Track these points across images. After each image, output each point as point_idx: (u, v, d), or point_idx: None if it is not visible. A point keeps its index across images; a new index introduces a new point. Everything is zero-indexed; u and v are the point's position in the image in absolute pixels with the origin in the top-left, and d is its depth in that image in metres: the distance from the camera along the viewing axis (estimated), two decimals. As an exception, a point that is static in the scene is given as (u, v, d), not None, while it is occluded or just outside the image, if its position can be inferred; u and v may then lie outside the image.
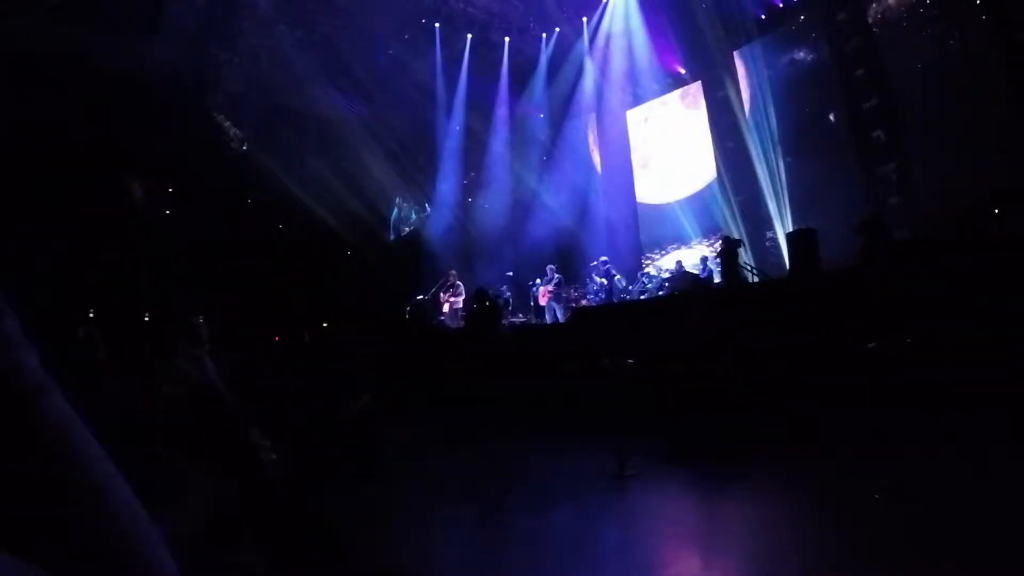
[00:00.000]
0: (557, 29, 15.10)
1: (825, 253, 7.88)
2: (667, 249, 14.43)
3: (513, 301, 13.08)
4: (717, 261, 10.76)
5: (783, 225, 12.05)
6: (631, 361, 7.54)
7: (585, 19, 14.84)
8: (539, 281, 12.73)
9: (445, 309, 12.63)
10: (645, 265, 14.51)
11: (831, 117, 11.83)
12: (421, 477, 5.49)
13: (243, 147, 13.10)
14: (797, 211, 12.00)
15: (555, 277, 12.42)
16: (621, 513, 4.17)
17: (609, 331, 8.62)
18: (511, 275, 13.57)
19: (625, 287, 12.67)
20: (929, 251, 6.66)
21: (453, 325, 12.08)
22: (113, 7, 10.36)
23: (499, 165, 16.21)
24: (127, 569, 0.52)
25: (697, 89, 14.28)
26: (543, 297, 12.49)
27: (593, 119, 16.32)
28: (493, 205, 16.43)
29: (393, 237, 15.99)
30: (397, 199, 15.66)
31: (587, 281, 13.17)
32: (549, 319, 12.04)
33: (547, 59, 15.40)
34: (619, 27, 14.26)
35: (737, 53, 13.29)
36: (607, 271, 12.44)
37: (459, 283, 12.68)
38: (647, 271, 13.87)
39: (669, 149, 14.70)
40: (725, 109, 13.36)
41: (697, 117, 14.18)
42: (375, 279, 14.16)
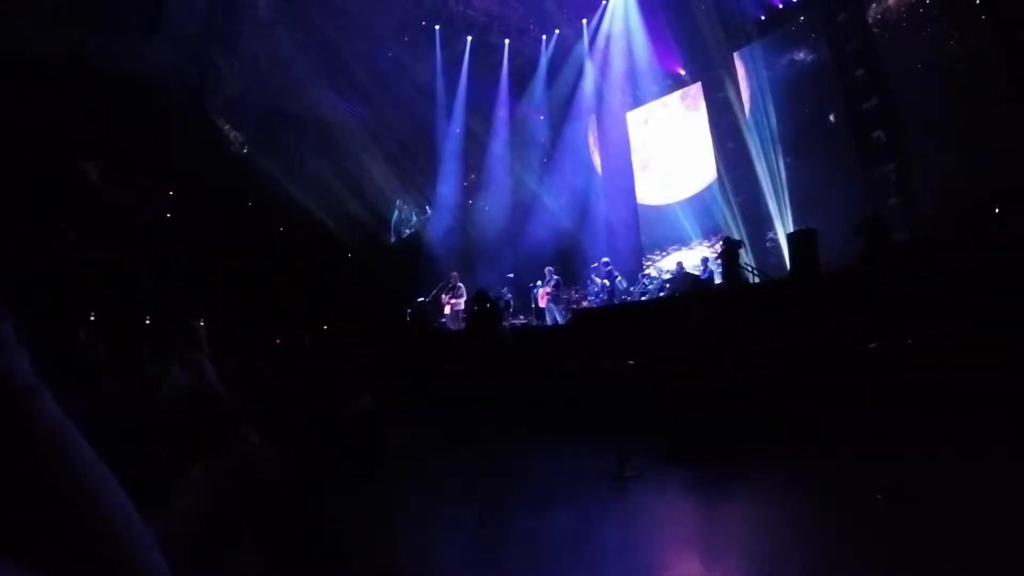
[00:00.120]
0: (557, 31, 15.13)
1: (825, 254, 7.87)
2: (668, 250, 14.42)
3: (514, 303, 13.06)
4: (718, 262, 10.75)
5: (784, 226, 12.03)
6: (632, 362, 7.53)
7: (585, 21, 14.86)
8: (540, 283, 12.74)
9: (446, 311, 12.62)
10: (646, 266, 14.49)
11: (831, 118, 11.83)
12: (421, 477, 5.49)
13: (243, 150, 13.12)
14: (797, 211, 11.99)
15: (553, 279, 12.42)
16: (622, 514, 4.17)
17: (610, 332, 8.62)
18: (512, 277, 13.54)
19: (626, 288, 12.65)
20: (929, 251, 6.66)
21: (454, 327, 12.07)
22: (113, 8, 10.40)
23: (499, 167, 16.21)
24: (120, 573, 0.52)
25: (697, 90, 14.28)
26: (542, 299, 12.49)
27: (593, 121, 16.31)
28: (493, 207, 16.42)
29: (394, 239, 15.99)
30: (397, 201, 15.67)
31: (588, 282, 13.16)
32: (549, 321, 12.03)
33: (547, 61, 15.41)
34: (619, 29, 14.27)
35: (737, 54, 13.29)
36: (609, 272, 12.43)
37: (460, 285, 12.68)
38: (648, 272, 13.84)
39: (669, 150, 14.69)
40: (725, 110, 13.36)
41: (697, 118, 14.18)
42: (375, 281, 14.16)
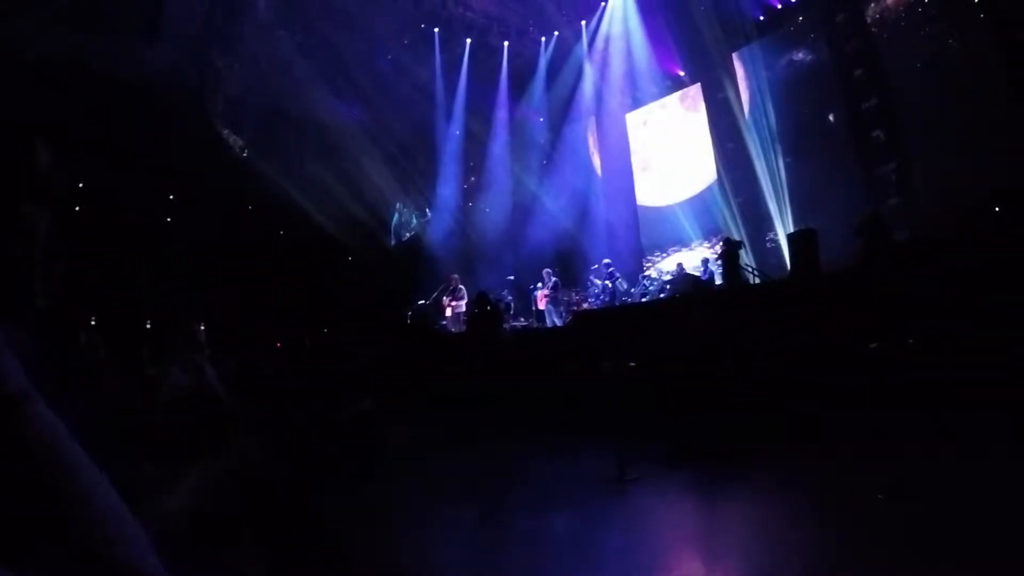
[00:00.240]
0: (556, 33, 15.15)
1: (825, 254, 7.86)
2: (668, 251, 14.43)
3: (514, 305, 13.06)
4: (718, 263, 10.75)
5: (784, 226, 12.04)
6: (632, 364, 7.53)
7: (584, 22, 14.88)
8: (539, 285, 12.74)
9: (448, 313, 12.62)
10: (646, 267, 14.49)
11: (831, 117, 11.84)
12: (422, 477, 5.49)
13: (243, 153, 13.14)
14: (797, 212, 11.99)
15: (552, 280, 12.43)
16: (622, 516, 4.17)
17: (610, 334, 8.61)
18: (512, 279, 13.54)
19: (626, 290, 12.65)
20: (929, 251, 6.66)
21: (455, 329, 12.08)
22: (113, 9, 10.41)
23: (499, 169, 16.22)
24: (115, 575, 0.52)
25: (696, 91, 14.29)
26: (541, 301, 12.50)
27: (593, 122, 16.32)
28: (493, 209, 16.42)
29: (394, 242, 16.00)
30: (398, 204, 15.68)
31: (588, 284, 13.17)
32: (549, 323, 12.04)
33: (546, 63, 15.43)
34: (618, 30, 14.28)
35: (736, 55, 13.30)
36: (610, 273, 12.44)
37: (461, 287, 12.68)
38: (648, 273, 13.85)
39: (669, 151, 14.70)
40: (725, 111, 13.37)
41: (697, 119, 14.19)
42: (376, 283, 14.16)
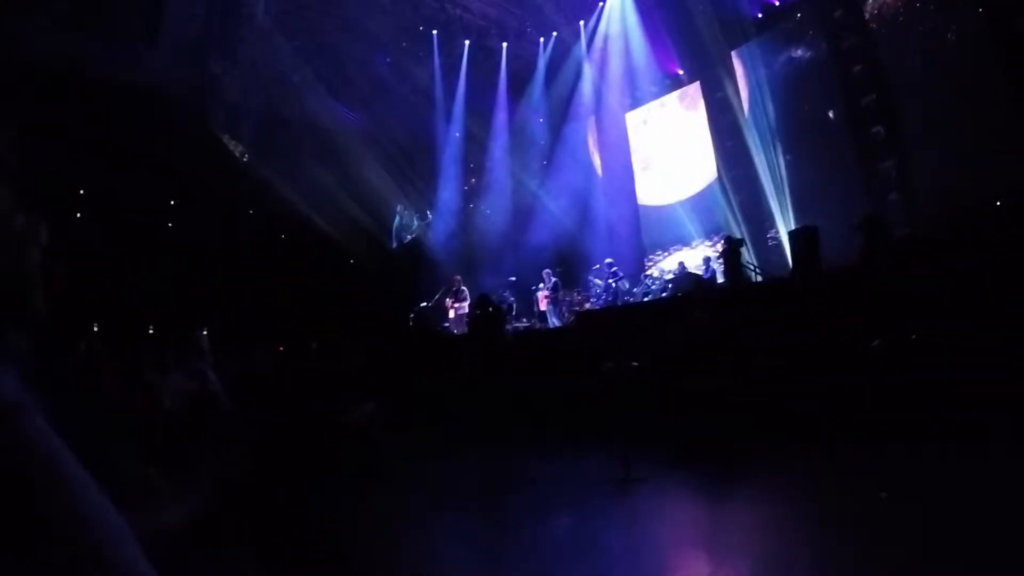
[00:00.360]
0: (555, 33, 15.12)
1: (825, 252, 7.85)
2: (669, 250, 14.41)
3: (516, 306, 13.06)
4: (720, 261, 10.74)
5: (785, 223, 12.01)
6: (635, 364, 7.52)
7: (582, 22, 14.85)
8: (540, 286, 12.74)
9: (450, 315, 12.65)
10: (648, 267, 14.47)
11: (830, 114, 11.81)
12: (424, 479, 5.50)
13: (243, 157, 13.16)
14: (798, 209, 11.97)
15: (552, 281, 12.43)
16: (626, 518, 4.18)
17: (612, 334, 8.61)
18: (514, 280, 13.54)
19: (628, 289, 12.65)
20: (929, 251, 6.64)
21: (458, 331, 12.11)
22: (111, 14, 10.42)
23: (499, 170, 16.21)
24: None
25: (696, 90, 14.27)
26: (542, 302, 12.50)
27: (592, 122, 16.29)
28: (494, 211, 16.41)
29: (395, 245, 15.99)
30: (398, 207, 15.65)
31: (590, 284, 13.17)
32: (550, 323, 12.05)
33: (545, 63, 15.40)
34: (616, 30, 14.25)
35: (735, 53, 13.27)
36: (613, 273, 12.44)
37: (464, 289, 12.70)
38: (650, 273, 13.83)
39: (669, 150, 14.68)
40: (724, 109, 13.35)
41: (696, 118, 14.17)
42: (378, 287, 14.17)
